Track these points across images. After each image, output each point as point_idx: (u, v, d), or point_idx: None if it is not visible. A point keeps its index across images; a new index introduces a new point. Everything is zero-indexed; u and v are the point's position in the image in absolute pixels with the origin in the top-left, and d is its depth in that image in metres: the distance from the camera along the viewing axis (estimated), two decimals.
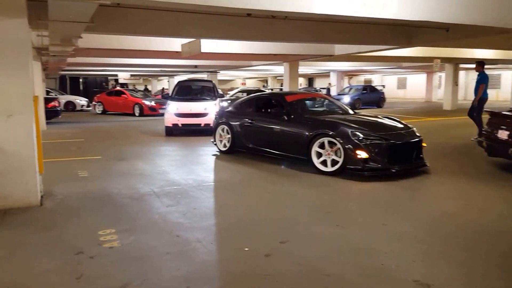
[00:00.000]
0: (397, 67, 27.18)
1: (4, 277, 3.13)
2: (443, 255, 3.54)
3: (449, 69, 21.96)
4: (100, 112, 21.23)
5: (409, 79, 39.88)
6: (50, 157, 7.46)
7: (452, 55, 16.76)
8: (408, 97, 38.46)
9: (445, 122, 15.55)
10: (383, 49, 13.16)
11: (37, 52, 11.74)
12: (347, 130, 6.33)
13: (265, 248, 3.66)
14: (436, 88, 33.32)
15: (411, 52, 15.27)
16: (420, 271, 3.23)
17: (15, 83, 4.70)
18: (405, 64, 24.23)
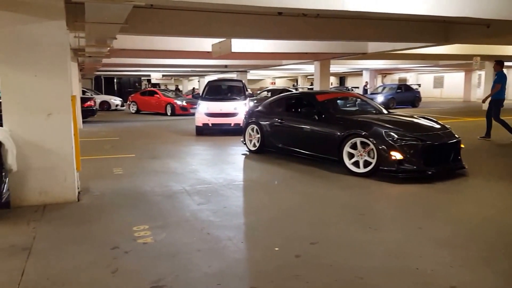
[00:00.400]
0: (434, 65, 26.39)
1: (44, 270, 3.25)
2: (482, 261, 3.40)
3: (490, 67, 21.07)
4: (134, 112, 21.71)
5: (446, 77, 38.56)
6: (87, 155, 7.71)
7: (493, 53, 16.08)
8: (445, 97, 37.22)
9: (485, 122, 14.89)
10: (418, 47, 12.76)
11: (74, 53, 12.13)
12: (381, 130, 6.20)
13: (296, 249, 3.64)
14: (475, 87, 32.05)
15: (449, 49, 14.78)
16: (457, 277, 3.13)
17: (54, 83, 4.85)
18: (442, 62, 23.50)
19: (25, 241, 3.81)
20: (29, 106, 4.79)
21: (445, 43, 11.78)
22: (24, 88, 4.76)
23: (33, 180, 4.87)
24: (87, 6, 5.39)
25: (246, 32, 9.25)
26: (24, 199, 4.86)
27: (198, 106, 11.97)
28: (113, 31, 7.58)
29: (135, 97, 22.33)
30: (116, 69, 25.65)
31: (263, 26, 9.06)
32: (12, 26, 4.64)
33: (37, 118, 4.82)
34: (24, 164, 4.77)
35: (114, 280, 3.08)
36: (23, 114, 4.78)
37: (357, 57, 17.01)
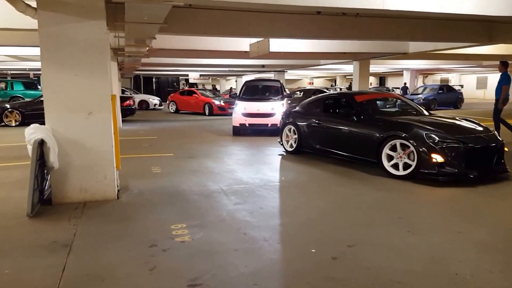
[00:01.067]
0: (477, 66, 25.41)
1: (84, 266, 3.34)
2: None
3: None
4: (173, 111, 22.04)
5: (490, 78, 36.98)
6: (126, 154, 7.90)
7: None
8: (489, 98, 35.62)
9: None
10: (461, 47, 12.35)
11: (113, 52, 12.48)
12: (422, 132, 6.03)
13: (332, 251, 3.60)
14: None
15: (493, 49, 14.24)
16: (498, 283, 3.03)
17: (95, 82, 4.95)
18: (485, 63, 22.58)
19: (66, 237, 3.92)
20: (70, 105, 4.89)
21: (489, 43, 11.35)
22: (66, 88, 4.86)
23: (74, 177, 4.98)
24: (127, 6, 5.52)
25: (284, 32, 9.22)
26: (65, 196, 4.98)
27: (235, 106, 12.01)
28: (152, 31, 7.75)
29: (174, 97, 22.63)
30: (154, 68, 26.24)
31: (301, 26, 9.00)
32: (54, 26, 4.75)
33: (78, 117, 4.92)
34: (66, 162, 4.89)
35: (152, 278, 3.14)
36: (64, 113, 4.89)
37: (398, 57, 16.61)
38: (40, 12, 4.73)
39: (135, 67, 22.30)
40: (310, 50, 12.98)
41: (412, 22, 9.46)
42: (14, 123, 14.09)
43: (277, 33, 9.40)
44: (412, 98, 19.66)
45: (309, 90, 22.31)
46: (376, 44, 12.97)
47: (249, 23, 8.70)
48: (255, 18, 8.58)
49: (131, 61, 16.56)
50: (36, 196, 4.63)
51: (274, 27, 8.87)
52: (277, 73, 27.89)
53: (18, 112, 14.17)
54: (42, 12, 4.73)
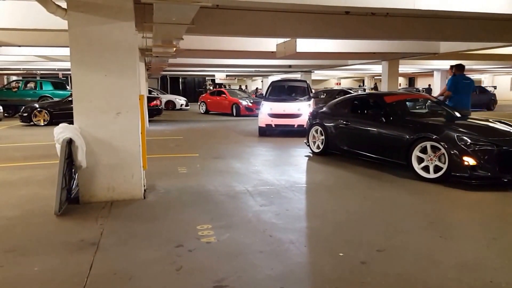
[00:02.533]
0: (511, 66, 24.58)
1: (111, 265, 3.37)
2: None
3: None
4: (203, 112, 22.03)
5: None
6: (152, 153, 7.99)
7: None
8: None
9: None
10: (495, 47, 11.99)
11: (141, 53, 12.66)
12: (453, 134, 5.84)
13: (361, 255, 3.52)
14: None
15: None
16: None
17: (123, 83, 4.99)
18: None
19: (93, 236, 3.96)
20: (99, 105, 4.95)
21: None
22: (95, 88, 4.93)
23: (101, 176, 5.03)
24: (156, 6, 5.57)
25: (312, 32, 9.13)
26: (93, 195, 5.03)
27: (261, 107, 11.97)
28: (180, 31, 7.80)
29: (204, 97, 22.59)
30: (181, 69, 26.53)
31: (329, 26, 8.90)
32: (84, 27, 4.82)
33: (107, 117, 4.97)
34: (93, 161, 4.95)
35: (178, 277, 3.14)
36: (93, 113, 4.95)
37: (428, 57, 16.23)
38: (70, 13, 4.80)
39: (162, 68, 22.60)
40: (338, 50, 12.81)
41: (443, 21, 9.22)
42: (42, 122, 14.45)
43: (304, 34, 9.32)
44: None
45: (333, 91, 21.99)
46: (406, 44, 12.71)
47: (276, 23, 8.66)
48: (282, 18, 8.53)
49: (158, 62, 16.78)
50: (64, 195, 4.72)
51: (301, 27, 8.80)
52: (303, 74, 27.72)
53: (46, 112, 14.53)
54: (72, 13, 4.80)
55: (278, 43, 11.80)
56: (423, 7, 5.61)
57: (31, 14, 7.53)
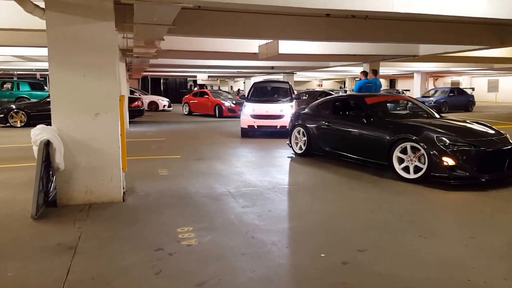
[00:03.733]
0: (488, 69, 25.22)
1: (89, 269, 3.30)
2: None
3: None
4: (186, 113, 21.84)
5: (502, 81, 36.79)
6: (133, 155, 7.87)
7: None
8: (500, 101, 35.54)
9: None
10: (472, 49, 12.28)
11: (122, 53, 12.51)
12: (432, 135, 5.95)
13: (342, 255, 3.54)
14: None
15: (505, 52, 14.23)
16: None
17: (103, 83, 4.92)
18: (497, 66, 22.46)
19: (70, 240, 3.88)
20: (78, 106, 4.87)
21: (500, 46, 11.29)
22: (73, 88, 4.85)
23: (79, 179, 4.94)
24: (136, 7, 5.51)
25: (294, 34, 9.18)
26: (70, 198, 4.94)
27: (244, 108, 11.95)
28: (161, 32, 7.74)
29: (187, 98, 22.40)
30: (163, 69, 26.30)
31: (310, 28, 8.95)
32: (62, 27, 4.74)
33: (85, 118, 4.89)
34: (71, 163, 4.86)
35: (158, 282, 3.09)
36: (71, 114, 4.86)
37: (408, 59, 16.50)
38: (48, 12, 4.72)
39: (143, 68, 22.36)
40: (320, 52, 12.92)
41: (422, 24, 9.39)
42: (19, 124, 14.10)
43: (286, 35, 9.36)
44: (423, 100, 19.52)
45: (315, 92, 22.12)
46: (386, 46, 12.91)
47: (258, 25, 8.66)
48: (264, 20, 8.54)
49: (139, 62, 16.61)
50: (41, 198, 4.60)
51: (283, 29, 8.82)
52: (286, 75, 27.83)
53: (23, 113, 14.18)
54: (51, 13, 4.71)
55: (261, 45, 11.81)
56: (402, 10, 5.69)
57: (8, 14, 7.36)
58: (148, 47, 10.41)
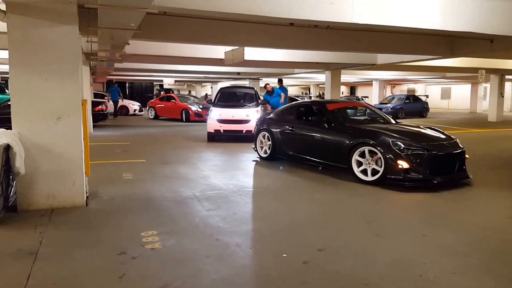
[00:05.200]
0: (441, 77, 26.44)
1: (50, 275, 3.26)
2: (484, 269, 3.45)
3: (495, 80, 21.25)
4: (152, 117, 21.63)
5: (454, 89, 38.70)
6: (96, 159, 7.77)
7: (497, 66, 16.36)
8: (452, 108, 37.36)
9: (490, 134, 15.00)
10: (425, 59, 12.90)
11: (86, 57, 12.28)
12: (388, 140, 6.25)
13: (303, 255, 3.67)
14: (481, 99, 32.20)
15: (456, 62, 14.99)
16: (458, 284, 3.18)
17: (65, 87, 4.87)
18: (449, 74, 23.61)
19: (31, 245, 3.82)
20: (39, 110, 4.81)
21: (451, 56, 11.94)
22: (34, 92, 4.78)
23: (41, 184, 4.87)
24: (100, 11, 5.48)
25: (258, 41, 9.34)
26: (32, 203, 4.85)
27: (210, 113, 12.02)
28: (126, 36, 7.69)
29: (153, 103, 22.21)
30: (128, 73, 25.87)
31: (275, 36, 9.14)
32: (24, 30, 4.67)
33: (47, 122, 4.83)
34: (32, 167, 4.78)
35: (121, 286, 3.10)
36: (32, 118, 4.79)
37: (367, 68, 17.08)
38: (10, 15, 4.64)
39: (108, 72, 21.94)
40: (284, 59, 13.16)
41: (380, 35, 9.79)
42: None
43: (251, 42, 9.51)
44: (380, 107, 20.31)
45: None
46: (347, 55, 13.31)
47: (224, 32, 8.76)
48: (230, 27, 8.65)
49: (104, 66, 16.31)
50: (0, 203, 4.49)
51: (248, 36, 8.97)
52: (252, 81, 28.04)
53: None
54: (12, 16, 4.64)
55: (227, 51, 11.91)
56: (360, 21, 5.96)
57: None
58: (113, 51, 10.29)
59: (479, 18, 6.59)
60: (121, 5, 4.84)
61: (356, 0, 5.90)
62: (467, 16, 6.54)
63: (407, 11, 6.27)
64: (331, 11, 5.83)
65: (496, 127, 17.65)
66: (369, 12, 6.03)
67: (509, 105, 32.72)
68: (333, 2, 5.80)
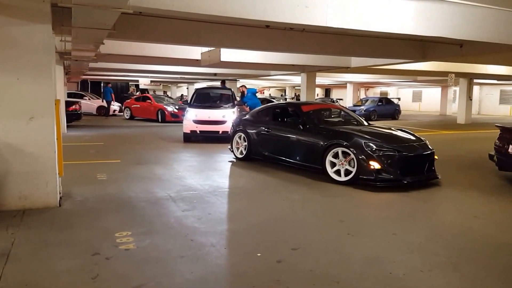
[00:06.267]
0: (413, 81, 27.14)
1: (22, 276, 3.23)
2: (450, 266, 3.58)
3: (463, 84, 22.00)
4: (128, 118, 21.39)
5: (424, 92, 39.80)
6: (70, 160, 7.66)
7: (466, 70, 16.90)
8: (423, 110, 38.40)
9: (459, 136, 15.54)
10: (398, 63, 13.22)
11: (59, 56, 12.04)
12: (361, 141, 6.40)
13: (277, 254, 3.73)
14: (451, 102, 33.24)
15: (427, 66, 15.39)
16: (427, 281, 3.28)
17: (38, 87, 4.81)
18: (420, 78, 24.23)
19: (3, 246, 3.77)
20: (11, 110, 4.74)
21: (422, 60, 12.26)
22: (6, 91, 4.71)
23: (13, 184, 4.80)
24: (74, 11, 5.40)
25: (235, 43, 9.37)
26: (3, 203, 4.78)
27: (186, 113, 11.99)
28: (101, 36, 7.59)
29: (129, 103, 21.96)
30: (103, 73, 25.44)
31: (251, 38, 9.19)
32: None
33: (19, 122, 4.77)
34: (4, 168, 4.71)
35: (95, 286, 3.09)
36: (4, 117, 4.72)
37: (341, 71, 17.36)
38: None
39: (82, 72, 21.55)
40: (261, 61, 13.22)
41: (354, 39, 9.98)
42: None
43: (227, 44, 9.52)
44: (354, 109, 20.68)
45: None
46: (322, 58, 13.49)
47: (200, 33, 8.75)
48: (206, 28, 8.65)
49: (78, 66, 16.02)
50: None
51: (225, 37, 8.99)
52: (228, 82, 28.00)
53: None
54: None
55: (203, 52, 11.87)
56: (334, 25, 6.07)
57: None
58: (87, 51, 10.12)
59: (450, 23, 6.81)
60: (95, 4, 4.79)
61: (330, 4, 6.01)
62: (438, 22, 6.75)
63: (381, 16, 6.42)
64: (305, 14, 5.92)
65: (464, 129, 18.27)
66: (344, 16, 6.15)
67: (477, 108, 33.86)
68: (307, 6, 5.89)
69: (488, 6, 6.97)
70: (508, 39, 7.31)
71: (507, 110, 32.15)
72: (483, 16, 7.03)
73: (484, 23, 7.05)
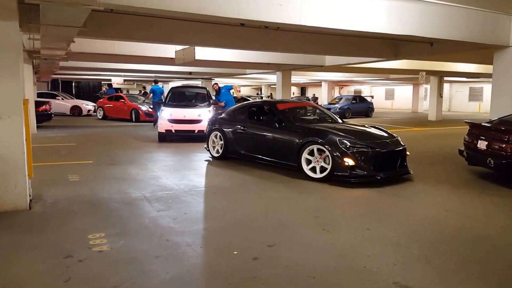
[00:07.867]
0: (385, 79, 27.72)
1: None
2: (422, 259, 3.66)
3: (434, 82, 22.59)
4: (101, 118, 20.98)
5: (397, 90, 40.70)
6: (40, 161, 7.48)
7: (436, 68, 17.40)
8: (396, 108, 39.28)
9: (430, 132, 15.95)
10: (371, 61, 13.49)
11: (28, 55, 11.71)
12: (335, 138, 6.48)
13: (253, 252, 3.74)
14: (422, 100, 34.12)
15: (398, 64, 15.75)
16: (399, 274, 3.35)
17: (5, 86, 4.68)
18: (392, 76, 24.82)
19: None
20: None
21: (394, 59, 12.55)
22: None
23: None
24: (43, 8, 5.26)
25: (210, 41, 9.34)
26: None
27: (161, 112, 11.83)
28: (71, 34, 7.43)
29: (101, 102, 21.52)
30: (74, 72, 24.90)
31: (226, 36, 9.18)
32: None
33: None
34: None
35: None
36: None
37: (316, 69, 17.55)
38: None
39: (52, 71, 21.00)
40: (236, 59, 13.23)
41: (327, 38, 10.11)
42: None
43: (202, 42, 9.48)
44: (329, 107, 20.98)
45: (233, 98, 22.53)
46: (297, 56, 13.61)
47: (174, 31, 8.68)
48: (180, 26, 8.58)
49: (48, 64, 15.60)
50: None
51: (199, 36, 8.94)
52: (204, 81, 27.89)
53: None
54: None
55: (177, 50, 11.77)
56: (308, 24, 6.14)
57: None
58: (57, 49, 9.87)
59: (421, 22, 6.99)
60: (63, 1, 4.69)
61: (304, 3, 6.06)
62: (410, 21, 6.91)
63: (355, 15, 6.52)
64: (280, 13, 5.95)
65: (435, 125, 18.78)
66: (317, 15, 6.22)
67: (447, 105, 34.86)
68: (282, 4, 5.93)
69: (457, 5, 7.18)
70: (476, 38, 7.56)
71: (476, 107, 33.27)
72: (453, 15, 7.24)
73: (453, 22, 7.26)
